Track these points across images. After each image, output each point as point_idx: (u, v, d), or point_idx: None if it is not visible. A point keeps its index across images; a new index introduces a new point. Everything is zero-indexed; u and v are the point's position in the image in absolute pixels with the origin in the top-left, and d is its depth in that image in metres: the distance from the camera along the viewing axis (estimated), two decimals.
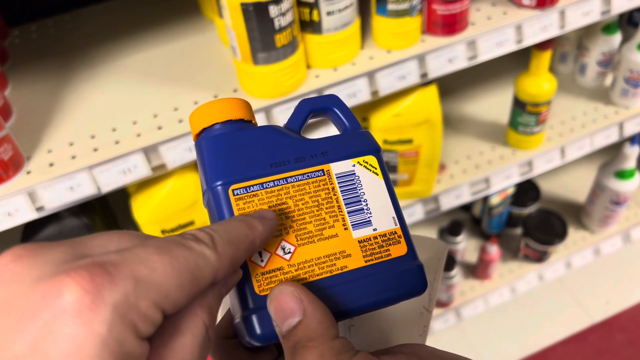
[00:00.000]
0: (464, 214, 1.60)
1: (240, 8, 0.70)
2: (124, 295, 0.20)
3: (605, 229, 1.52)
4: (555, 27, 0.91)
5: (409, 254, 0.32)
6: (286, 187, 0.31)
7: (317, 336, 0.26)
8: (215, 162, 0.31)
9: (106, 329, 0.19)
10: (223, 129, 0.32)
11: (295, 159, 0.32)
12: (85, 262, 0.21)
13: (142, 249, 0.22)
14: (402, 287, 0.31)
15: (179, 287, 0.22)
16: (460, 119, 1.30)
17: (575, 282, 1.60)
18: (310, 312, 0.27)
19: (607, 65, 1.28)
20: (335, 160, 0.33)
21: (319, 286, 0.29)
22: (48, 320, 0.19)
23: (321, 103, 0.35)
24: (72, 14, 1.08)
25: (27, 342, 0.19)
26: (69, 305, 0.19)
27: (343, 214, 0.32)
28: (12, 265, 0.21)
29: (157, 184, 0.84)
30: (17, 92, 0.90)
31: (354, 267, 0.30)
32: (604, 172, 1.39)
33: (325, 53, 0.82)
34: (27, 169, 0.75)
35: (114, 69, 0.92)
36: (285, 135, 0.33)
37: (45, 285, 0.20)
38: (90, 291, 0.20)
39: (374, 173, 0.33)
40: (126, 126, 0.80)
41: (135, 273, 0.21)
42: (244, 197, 0.30)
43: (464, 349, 1.49)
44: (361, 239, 0.31)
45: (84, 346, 0.19)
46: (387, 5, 0.80)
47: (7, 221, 0.74)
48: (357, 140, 0.34)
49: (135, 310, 0.20)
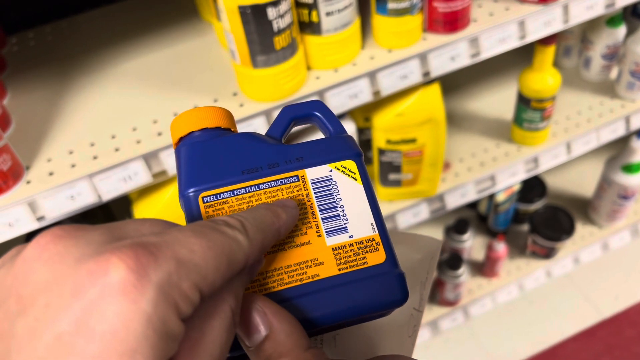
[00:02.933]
0: (470, 212, 1.58)
1: (238, 11, 0.69)
2: (168, 275, 0.20)
3: (613, 223, 1.50)
4: (559, 22, 0.89)
5: (388, 262, 0.30)
6: (258, 194, 0.31)
7: (287, 350, 0.25)
8: (188, 170, 0.31)
9: (151, 307, 0.20)
10: (200, 137, 0.32)
11: (268, 165, 0.31)
12: (129, 242, 0.21)
13: (179, 232, 0.23)
14: (379, 296, 0.29)
15: (216, 270, 0.22)
16: (464, 116, 1.28)
17: (583, 277, 1.59)
18: (276, 325, 0.26)
19: (612, 59, 1.26)
20: (311, 166, 0.32)
21: (288, 295, 0.28)
22: (94, 297, 0.19)
23: (304, 109, 0.35)
24: (70, 20, 1.07)
25: (72, 319, 0.19)
26: (115, 283, 0.19)
27: (317, 221, 0.30)
28: (52, 245, 0.21)
29: (158, 190, 0.84)
30: (16, 100, 0.89)
31: (326, 276, 0.29)
32: (611, 166, 1.38)
33: (326, 54, 0.81)
34: (27, 178, 0.75)
35: (112, 74, 0.92)
36: (262, 141, 0.32)
37: (90, 264, 0.20)
38: (136, 270, 0.20)
39: (352, 178, 0.32)
40: (126, 133, 0.79)
41: (176, 254, 0.21)
42: (213, 205, 0.30)
43: (473, 347, 1.48)
44: (335, 247, 0.30)
45: (130, 323, 0.19)
46: (387, 4, 0.79)
47: (8, 232, 0.74)
48: (336, 145, 0.33)
49: (178, 290, 0.21)
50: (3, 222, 0.73)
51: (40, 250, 0.21)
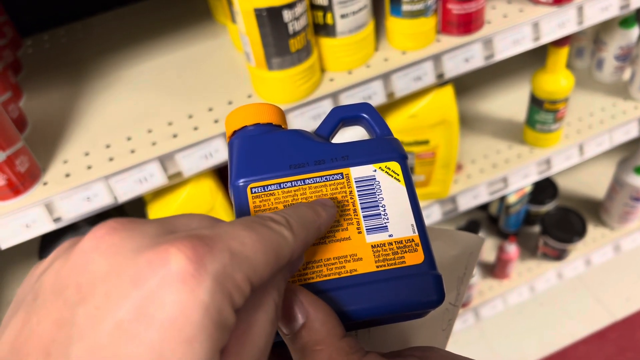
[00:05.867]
0: (481, 213, 1.58)
1: (254, 13, 0.69)
2: (223, 266, 0.21)
3: (625, 225, 1.49)
4: (573, 23, 0.89)
5: (426, 262, 0.30)
6: (303, 188, 0.32)
7: (322, 338, 0.26)
8: (240, 162, 0.33)
9: (209, 297, 0.20)
10: (252, 131, 0.34)
11: (315, 162, 0.33)
12: (184, 234, 0.22)
13: (230, 226, 0.23)
14: (414, 296, 0.30)
15: (265, 263, 0.23)
16: (476, 117, 1.28)
17: (595, 279, 1.58)
18: (312, 313, 0.27)
19: (625, 60, 1.25)
20: (356, 165, 0.33)
21: (325, 288, 0.29)
22: (153, 287, 0.20)
23: (352, 111, 0.36)
24: (84, 23, 1.08)
25: (132, 307, 0.19)
26: (174, 273, 0.20)
27: (358, 218, 0.31)
28: (109, 237, 0.21)
29: (173, 192, 0.84)
30: (32, 102, 0.90)
31: (364, 271, 0.30)
32: (623, 167, 1.37)
33: (340, 56, 0.81)
34: (44, 180, 0.75)
35: (126, 76, 0.92)
36: (309, 139, 0.34)
37: (149, 255, 0.20)
38: (194, 260, 0.20)
39: (396, 179, 0.33)
40: (141, 135, 0.79)
41: (229, 246, 0.22)
42: (260, 196, 0.31)
43: (483, 349, 1.48)
44: (374, 244, 0.31)
45: (189, 312, 0.19)
46: (402, 6, 0.79)
47: (25, 233, 0.74)
48: (381, 147, 0.34)
49: (232, 281, 0.21)
50: (20, 224, 0.73)
51: (97, 242, 0.21)
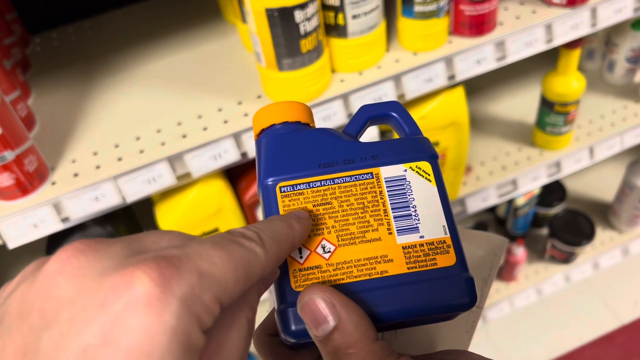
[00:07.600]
0: (488, 215, 1.57)
1: (265, 14, 0.68)
2: (191, 287, 0.21)
3: (634, 228, 1.48)
4: (587, 26, 0.88)
5: (458, 265, 0.30)
6: (332, 188, 0.31)
7: (355, 341, 0.26)
8: (268, 160, 0.32)
9: (175, 320, 0.20)
10: (280, 129, 0.34)
11: (344, 161, 0.32)
12: (151, 255, 0.21)
13: (199, 244, 0.23)
14: (446, 298, 0.29)
15: (235, 282, 0.23)
16: (486, 119, 1.27)
17: (602, 283, 1.57)
18: (344, 316, 0.26)
19: (637, 62, 1.24)
20: (386, 164, 0.32)
21: (356, 289, 0.29)
22: (118, 311, 0.19)
23: (381, 109, 0.36)
24: (92, 20, 1.07)
25: (97, 332, 0.19)
26: (140, 297, 0.20)
27: (389, 219, 0.31)
28: (74, 259, 0.21)
29: (181, 192, 0.84)
30: (40, 101, 0.89)
31: (395, 273, 0.29)
32: (633, 170, 1.36)
33: (351, 57, 0.80)
34: (52, 179, 0.75)
35: (136, 75, 0.92)
36: (338, 137, 0.33)
37: (114, 278, 0.20)
38: (160, 283, 0.20)
39: (427, 180, 0.32)
40: (150, 134, 0.79)
41: (198, 266, 0.21)
42: (290, 195, 0.31)
43: (490, 351, 1.47)
44: (405, 245, 0.30)
45: (155, 336, 0.19)
46: (414, 7, 0.78)
47: (33, 232, 0.74)
48: (412, 146, 0.34)
49: (200, 302, 0.21)
50: (28, 223, 0.73)
51: (62, 265, 0.21)
